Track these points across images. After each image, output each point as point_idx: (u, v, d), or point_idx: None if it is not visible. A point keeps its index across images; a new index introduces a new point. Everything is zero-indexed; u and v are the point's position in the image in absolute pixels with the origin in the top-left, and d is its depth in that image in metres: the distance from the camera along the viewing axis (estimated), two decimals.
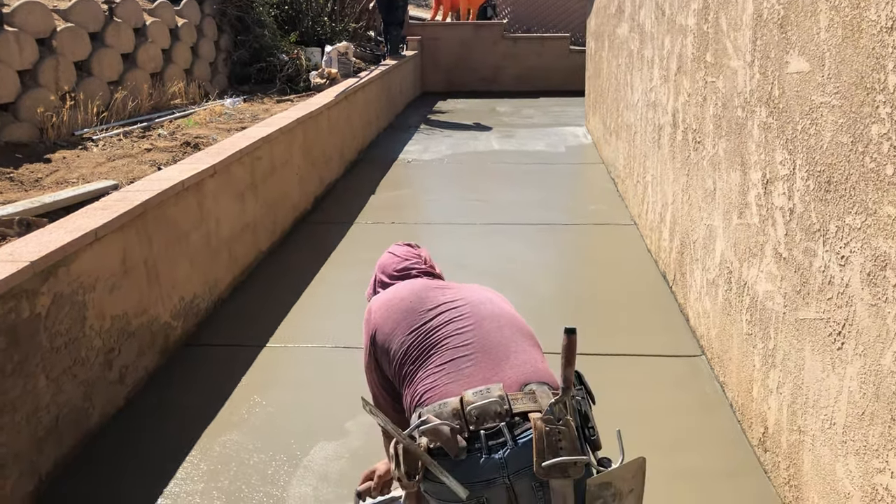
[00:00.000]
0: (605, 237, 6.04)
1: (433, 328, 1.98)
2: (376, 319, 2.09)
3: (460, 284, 2.19)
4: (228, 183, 4.89)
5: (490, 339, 1.93)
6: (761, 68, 3.05)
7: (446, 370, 1.87)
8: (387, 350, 2.02)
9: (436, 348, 1.93)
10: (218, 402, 3.63)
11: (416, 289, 2.12)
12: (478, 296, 2.09)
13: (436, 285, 2.15)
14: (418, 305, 2.05)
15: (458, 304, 2.03)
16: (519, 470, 1.68)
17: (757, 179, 3.10)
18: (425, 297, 2.08)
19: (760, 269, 3.05)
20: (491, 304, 2.06)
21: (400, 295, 2.10)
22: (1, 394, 2.73)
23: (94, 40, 6.54)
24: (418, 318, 2.01)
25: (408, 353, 1.96)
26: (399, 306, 2.06)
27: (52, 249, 3.00)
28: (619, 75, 7.35)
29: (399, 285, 2.17)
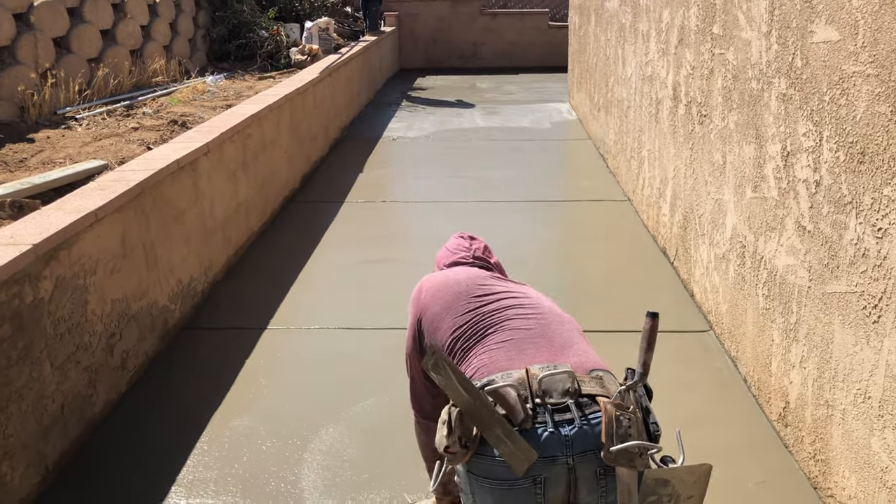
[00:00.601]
0: (599, 213, 6.00)
1: (492, 311, 1.92)
2: (426, 300, 2.02)
3: (516, 281, 2.15)
4: (221, 162, 4.76)
5: (552, 329, 1.88)
6: (780, 38, 3.00)
7: (506, 348, 1.81)
8: (434, 330, 1.96)
9: (495, 329, 1.87)
10: (223, 386, 3.54)
11: (472, 274, 2.07)
12: (537, 294, 2.05)
13: (493, 275, 2.11)
14: (474, 290, 1.99)
15: (516, 294, 1.98)
16: (585, 451, 1.61)
17: (776, 152, 3.05)
18: (482, 283, 2.02)
19: (780, 242, 3.02)
20: (550, 304, 2.01)
21: (456, 277, 2.04)
22: (7, 383, 2.62)
23: (73, 16, 6.34)
24: (474, 301, 1.95)
25: (462, 333, 1.89)
26: (453, 288, 1.99)
27: (53, 232, 2.88)
28: (608, 50, 7.28)
29: (455, 269, 2.11)
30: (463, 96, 11.46)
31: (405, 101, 11.21)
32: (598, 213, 5.99)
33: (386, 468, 2.94)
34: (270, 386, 3.55)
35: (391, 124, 9.48)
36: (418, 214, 6.02)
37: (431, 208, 6.17)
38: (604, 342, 3.90)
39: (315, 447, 3.07)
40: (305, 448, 3.07)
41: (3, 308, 2.61)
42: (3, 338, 2.60)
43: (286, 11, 10.73)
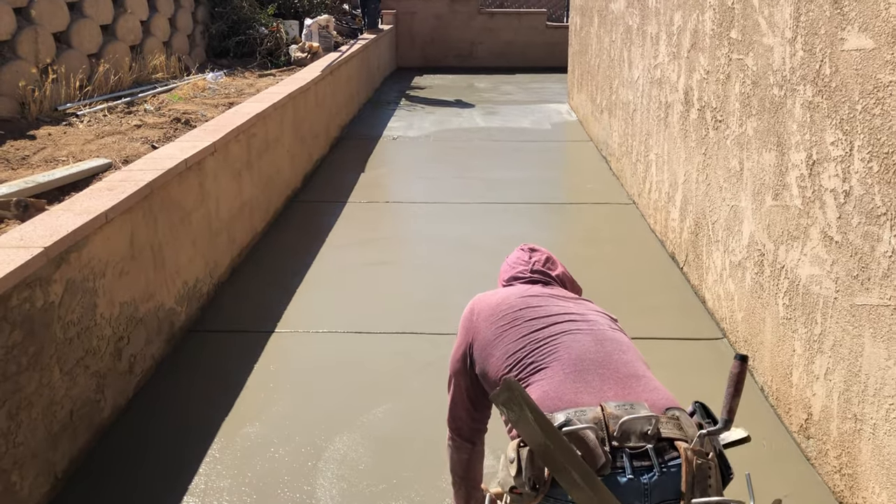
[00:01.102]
0: (605, 217, 5.95)
1: (548, 338, 1.84)
2: (477, 323, 1.96)
3: (575, 298, 2.07)
4: (226, 161, 4.69)
5: (614, 357, 1.79)
6: (806, 45, 2.96)
7: (570, 379, 1.72)
8: (487, 357, 1.89)
9: (553, 356, 1.79)
10: (232, 392, 3.47)
11: (527, 294, 1.99)
12: (597, 314, 1.96)
13: (552, 293, 2.03)
14: (529, 313, 1.91)
15: (574, 317, 1.90)
16: (663, 501, 1.53)
17: (799, 160, 3.01)
18: (538, 304, 1.95)
19: (803, 252, 2.98)
20: (611, 327, 1.93)
21: (508, 301, 1.97)
22: (17, 389, 2.55)
23: (73, 10, 6.24)
24: (528, 326, 1.88)
25: (516, 361, 1.82)
26: (506, 312, 1.93)
27: (64, 234, 2.81)
28: (612, 52, 7.24)
29: (509, 289, 2.04)
30: (461, 96, 11.40)
31: (404, 99, 11.14)
32: (604, 217, 5.95)
33: (403, 479, 2.88)
34: (280, 391, 3.49)
35: (391, 123, 9.41)
36: (422, 215, 5.96)
37: (435, 209, 6.11)
38: None
39: (329, 456, 3.01)
40: (319, 457, 3.01)
41: (14, 313, 2.54)
42: (14, 343, 2.53)
43: (285, 8, 10.64)
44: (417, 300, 4.43)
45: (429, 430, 3.17)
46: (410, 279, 4.74)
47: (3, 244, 2.71)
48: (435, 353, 3.80)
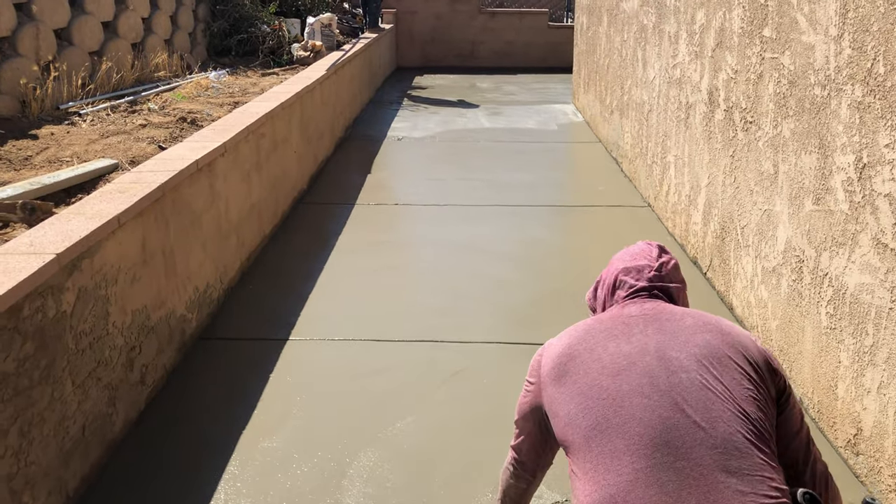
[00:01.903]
0: (620, 219, 5.82)
1: (618, 400, 1.59)
2: (545, 376, 1.76)
3: (673, 313, 1.76)
4: (236, 162, 4.54)
5: (699, 436, 1.50)
6: (855, 43, 2.83)
7: (642, 480, 1.48)
8: (554, 415, 1.71)
9: (619, 433, 1.55)
10: (248, 403, 3.32)
11: (607, 334, 1.73)
12: (690, 350, 1.64)
13: (645, 313, 1.76)
14: (608, 361, 1.66)
15: (672, 364, 1.62)
16: None
17: (847, 163, 2.88)
18: (615, 350, 1.68)
19: (851, 259, 2.85)
20: (709, 368, 1.61)
21: (582, 345, 1.73)
22: (29, 405, 2.40)
23: (73, 6, 6.08)
24: (598, 377, 1.65)
25: (574, 421, 1.62)
26: (577, 360, 1.71)
27: (76, 240, 2.66)
28: (623, 51, 7.11)
29: (584, 326, 1.80)
30: (464, 96, 11.27)
31: (406, 99, 11.00)
32: (619, 220, 5.82)
33: (434, 497, 2.74)
34: (299, 403, 3.34)
35: (394, 123, 9.26)
36: (432, 218, 5.82)
37: (445, 212, 5.97)
38: None
39: (354, 473, 2.87)
40: (344, 474, 2.86)
41: (26, 324, 2.39)
42: (26, 356, 2.38)
43: (286, 6, 10.48)
44: (434, 306, 4.29)
45: (458, 445, 3.03)
46: (426, 284, 4.60)
47: (13, 250, 2.56)
48: (456, 363, 3.66)
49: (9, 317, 2.29)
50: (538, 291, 4.51)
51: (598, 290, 1.97)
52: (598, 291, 1.97)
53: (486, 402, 3.34)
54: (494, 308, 4.27)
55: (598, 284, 1.99)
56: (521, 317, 4.18)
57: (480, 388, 3.46)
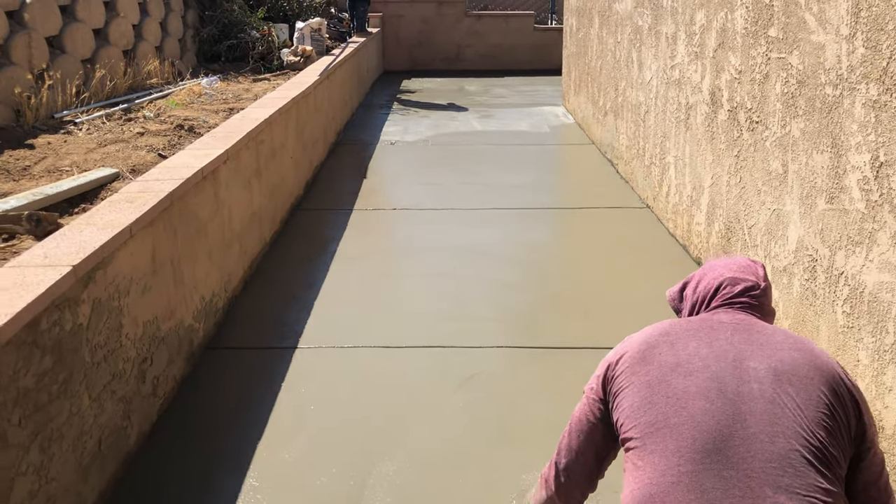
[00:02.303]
0: (620, 221, 5.82)
1: (681, 401, 1.59)
2: (621, 364, 1.75)
3: (765, 328, 1.74)
4: (238, 170, 4.50)
5: (754, 448, 1.49)
6: (869, 42, 2.83)
7: (685, 481, 1.47)
8: (619, 403, 1.70)
9: (673, 434, 1.54)
10: (260, 414, 3.28)
11: (691, 333, 1.72)
12: (771, 363, 1.62)
13: (728, 327, 1.73)
14: (684, 359, 1.66)
15: (725, 375, 1.61)
16: None
17: (862, 162, 2.89)
18: (694, 351, 1.67)
19: (868, 258, 2.85)
20: (785, 385, 1.58)
21: (664, 338, 1.73)
22: (48, 420, 2.35)
23: (65, 14, 6.00)
24: (669, 374, 1.64)
25: (636, 414, 1.61)
26: (655, 350, 1.70)
27: (91, 251, 2.61)
28: (617, 52, 7.12)
29: (669, 323, 1.79)
30: (453, 99, 11.26)
31: (396, 103, 10.97)
32: (619, 221, 5.82)
33: None
34: (312, 412, 3.30)
35: (386, 128, 9.23)
36: (432, 222, 5.79)
37: (444, 216, 5.95)
38: None
39: (375, 483, 2.83)
40: (364, 484, 2.83)
41: (44, 337, 2.34)
42: (45, 371, 2.34)
43: (274, 11, 10.43)
44: (440, 311, 4.26)
45: (478, 452, 3.01)
46: (431, 289, 4.57)
47: (27, 263, 2.51)
48: (468, 369, 3.63)
49: (28, 331, 2.24)
50: (543, 295, 4.49)
51: (689, 290, 1.94)
52: (689, 291, 1.94)
53: (501, 409, 3.32)
54: (501, 312, 4.25)
55: (687, 284, 1.97)
56: (528, 321, 4.16)
57: (494, 395, 3.43)
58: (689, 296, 1.94)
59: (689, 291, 1.94)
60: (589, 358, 3.73)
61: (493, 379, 3.56)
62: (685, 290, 1.96)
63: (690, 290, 1.94)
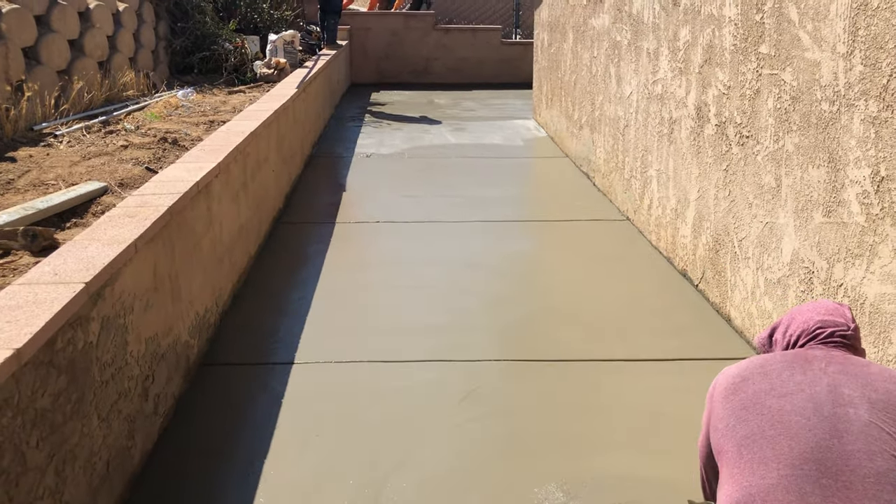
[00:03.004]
0: (602, 234, 5.88)
1: (777, 416, 1.63)
2: (717, 395, 1.79)
3: (859, 361, 1.78)
4: (228, 183, 4.45)
5: (852, 461, 1.52)
6: (867, 60, 2.91)
7: (782, 484, 1.51)
8: (715, 426, 1.75)
9: (770, 444, 1.58)
10: (263, 431, 3.23)
11: (785, 364, 1.77)
12: (866, 392, 1.65)
13: (822, 359, 1.77)
14: (778, 384, 1.70)
15: (821, 398, 1.65)
16: None
17: (861, 176, 2.96)
18: (788, 378, 1.71)
19: (870, 270, 2.93)
20: (881, 413, 1.62)
21: (758, 369, 1.77)
22: (62, 441, 2.29)
23: (40, 24, 5.89)
24: (764, 396, 1.69)
25: (731, 430, 1.66)
26: (748, 380, 1.74)
27: (101, 267, 2.56)
28: (594, 67, 7.21)
29: (764, 356, 1.83)
30: (425, 112, 11.28)
31: (367, 116, 10.95)
32: (601, 234, 5.88)
33: None
34: (316, 429, 3.26)
35: (360, 140, 9.21)
36: (417, 235, 5.79)
37: (429, 229, 5.95)
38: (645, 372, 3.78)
39: (387, 501, 2.81)
40: (378, 502, 2.80)
41: (59, 357, 2.28)
42: (60, 391, 2.28)
43: (244, 23, 10.35)
44: (434, 324, 4.26)
45: (487, 467, 3.01)
46: (422, 303, 4.56)
47: (37, 280, 2.45)
48: (467, 383, 3.63)
49: (45, 350, 2.19)
50: (536, 307, 4.51)
51: (778, 335, 1.99)
52: (778, 335, 1.99)
53: (504, 423, 3.32)
54: (494, 325, 4.26)
55: (775, 329, 2.02)
56: (522, 334, 4.18)
57: (497, 409, 3.43)
58: (778, 340, 1.99)
59: (778, 336, 2.00)
60: (587, 371, 3.77)
61: (495, 393, 3.57)
62: (774, 335, 2.02)
63: (780, 335, 1.99)
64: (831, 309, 1.97)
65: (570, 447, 3.13)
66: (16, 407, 2.03)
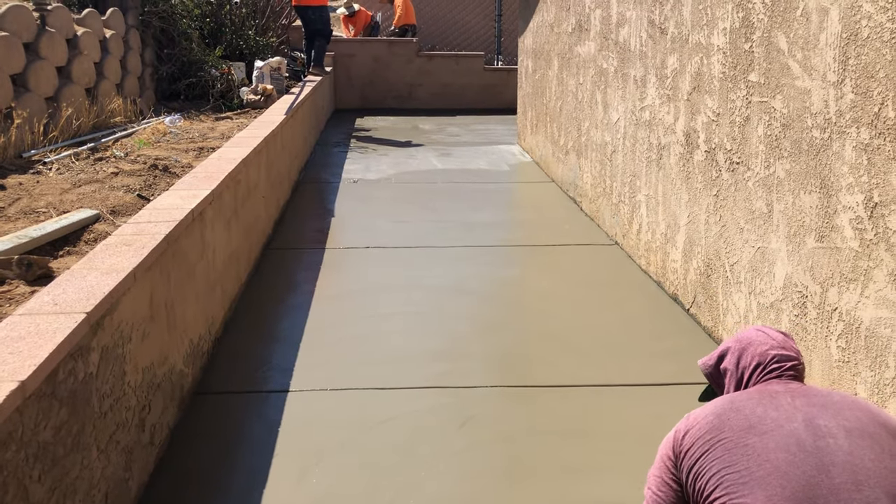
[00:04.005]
0: (590, 258, 5.91)
1: (763, 455, 1.64)
2: (690, 437, 1.78)
3: (820, 391, 1.83)
4: (220, 210, 4.44)
5: (843, 497, 1.55)
6: (858, 88, 2.97)
7: None
8: (697, 472, 1.72)
9: (760, 485, 1.59)
10: (261, 461, 3.20)
11: (754, 402, 1.78)
12: (839, 422, 1.69)
13: (787, 394, 1.81)
14: (755, 422, 1.71)
15: (800, 433, 1.67)
16: None
17: (854, 202, 3.01)
18: (763, 414, 1.73)
19: (864, 294, 2.96)
20: (857, 440, 1.65)
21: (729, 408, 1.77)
22: (63, 475, 2.26)
23: (28, 51, 5.87)
24: (744, 435, 1.69)
25: (717, 474, 1.65)
26: (723, 418, 1.75)
27: (102, 297, 2.54)
28: (579, 94, 7.28)
29: (728, 397, 1.84)
30: (410, 137, 11.32)
31: (353, 141, 10.97)
32: (590, 258, 5.91)
33: None
34: (316, 459, 3.22)
35: (346, 165, 9.22)
36: (408, 261, 5.79)
37: (419, 254, 5.95)
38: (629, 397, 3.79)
39: None
40: None
41: (61, 388, 2.26)
42: (62, 423, 2.25)
43: (230, 50, 10.37)
44: (429, 350, 4.25)
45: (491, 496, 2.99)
46: (416, 329, 4.56)
47: (37, 310, 2.43)
48: (465, 411, 3.62)
49: (48, 382, 2.16)
50: (527, 333, 4.53)
51: (728, 363, 2.01)
52: (728, 364, 2.01)
53: (503, 450, 3.32)
54: (488, 351, 4.26)
55: (723, 357, 2.04)
56: (517, 360, 4.18)
57: (494, 436, 3.42)
58: (730, 369, 2.02)
59: (728, 364, 2.02)
60: (584, 396, 3.78)
61: (491, 420, 3.56)
62: (722, 362, 2.04)
63: (730, 364, 2.02)
64: (781, 341, 2.03)
65: (570, 474, 3.13)
66: (19, 440, 2.01)
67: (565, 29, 7.81)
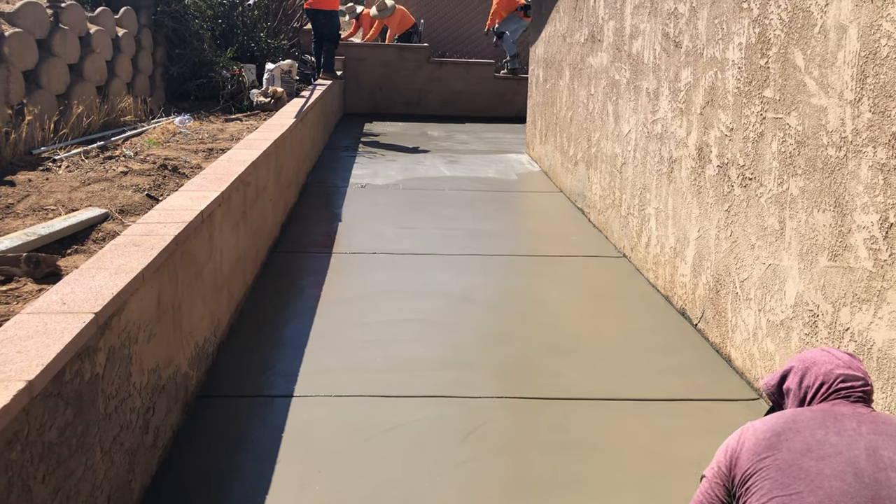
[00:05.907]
0: (598, 270, 5.89)
1: (816, 482, 1.61)
2: (746, 450, 1.75)
3: (889, 419, 1.77)
4: (229, 212, 4.43)
5: None
6: (876, 107, 2.95)
7: None
8: (749, 488, 1.70)
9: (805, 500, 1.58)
10: (264, 467, 3.17)
11: (817, 422, 1.74)
12: None
13: (853, 419, 1.76)
14: (814, 445, 1.68)
15: (860, 462, 1.64)
16: None
17: (869, 222, 2.98)
18: (823, 438, 1.69)
19: (877, 315, 2.94)
20: None
21: (790, 426, 1.74)
22: (67, 476, 2.24)
23: (41, 48, 5.88)
24: (800, 458, 1.67)
25: (766, 494, 1.63)
26: (782, 437, 1.71)
27: (110, 297, 2.53)
28: (591, 105, 7.27)
29: (791, 412, 1.79)
30: (418, 143, 11.31)
31: (361, 146, 10.96)
32: (597, 270, 5.88)
33: None
34: (319, 466, 3.20)
35: (354, 170, 9.21)
36: (414, 268, 5.77)
37: (426, 261, 5.93)
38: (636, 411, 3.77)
39: None
40: None
41: (67, 388, 2.24)
42: (67, 423, 2.23)
43: (241, 52, 10.39)
44: (435, 359, 4.23)
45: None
46: (421, 337, 4.53)
47: (46, 309, 2.42)
48: (470, 421, 3.59)
49: (55, 382, 2.15)
50: (534, 344, 4.50)
51: (791, 383, 1.94)
52: (791, 384, 1.93)
53: (508, 462, 3.29)
54: (494, 362, 4.23)
55: (786, 376, 1.97)
56: (524, 371, 4.16)
57: (499, 447, 3.40)
58: (792, 388, 1.94)
59: (791, 385, 1.95)
60: (590, 409, 3.75)
61: (498, 431, 3.53)
62: (785, 382, 1.98)
63: (793, 384, 1.94)
64: (847, 361, 1.95)
65: (576, 488, 3.10)
66: (25, 440, 1.99)
67: (578, 39, 7.80)
